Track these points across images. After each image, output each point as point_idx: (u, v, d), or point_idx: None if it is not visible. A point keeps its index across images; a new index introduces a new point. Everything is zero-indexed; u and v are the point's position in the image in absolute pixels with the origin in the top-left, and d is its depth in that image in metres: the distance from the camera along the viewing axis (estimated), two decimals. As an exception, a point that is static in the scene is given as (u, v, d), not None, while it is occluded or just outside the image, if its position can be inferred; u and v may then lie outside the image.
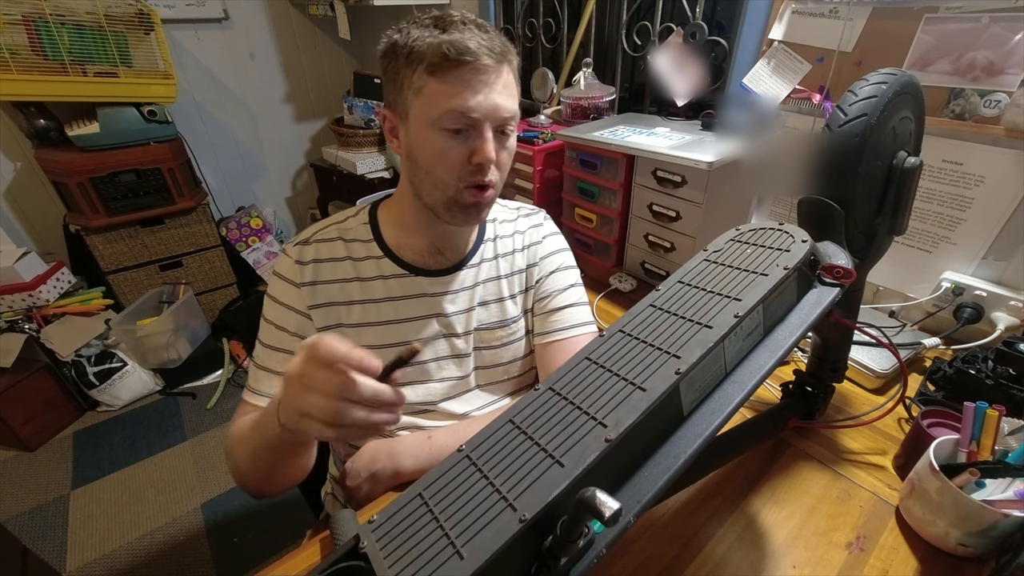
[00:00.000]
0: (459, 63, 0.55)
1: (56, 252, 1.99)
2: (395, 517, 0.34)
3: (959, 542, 0.51)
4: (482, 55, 0.55)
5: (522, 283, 0.75)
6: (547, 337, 0.74)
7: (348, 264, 0.68)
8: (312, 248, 0.68)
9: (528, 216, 0.79)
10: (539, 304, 0.75)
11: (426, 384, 0.72)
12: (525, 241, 0.76)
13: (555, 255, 0.77)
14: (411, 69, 0.57)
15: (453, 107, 0.56)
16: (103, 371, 1.81)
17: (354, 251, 0.69)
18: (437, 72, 0.55)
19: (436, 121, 0.57)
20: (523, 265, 0.75)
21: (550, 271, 0.75)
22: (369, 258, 0.69)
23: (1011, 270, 0.82)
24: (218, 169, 2.30)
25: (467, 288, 0.72)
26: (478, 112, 0.57)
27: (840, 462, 0.66)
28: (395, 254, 0.69)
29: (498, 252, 0.74)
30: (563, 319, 0.74)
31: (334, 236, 0.69)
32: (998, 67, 0.75)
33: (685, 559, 0.54)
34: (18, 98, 1.65)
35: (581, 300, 0.76)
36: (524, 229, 0.77)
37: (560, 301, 0.74)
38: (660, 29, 1.28)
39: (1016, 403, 0.64)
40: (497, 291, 0.74)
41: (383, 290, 0.69)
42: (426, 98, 0.57)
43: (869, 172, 0.52)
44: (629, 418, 0.32)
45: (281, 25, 2.24)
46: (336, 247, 0.69)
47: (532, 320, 0.76)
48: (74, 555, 1.39)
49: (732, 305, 0.39)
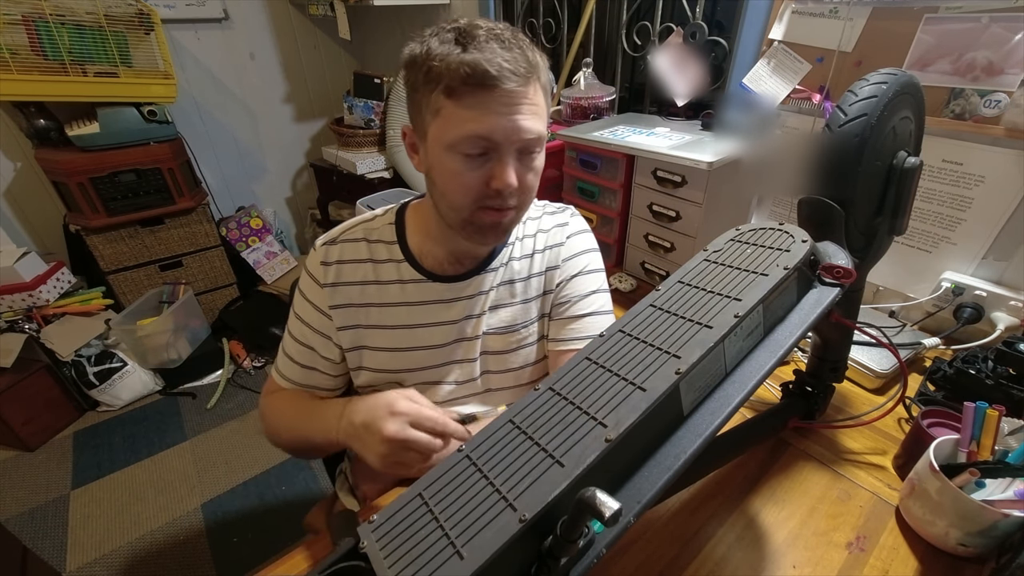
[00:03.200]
0: (480, 87, 0.52)
1: (56, 252, 1.99)
2: (395, 517, 0.34)
3: (959, 542, 0.51)
4: (505, 79, 0.51)
5: (540, 287, 0.72)
6: (562, 345, 0.71)
7: (369, 266, 0.68)
8: (338, 248, 0.68)
9: (553, 215, 0.75)
10: (557, 309, 0.72)
11: (434, 387, 0.71)
12: (548, 242, 0.72)
13: (578, 257, 0.72)
14: (429, 88, 0.54)
15: (471, 132, 0.53)
16: (103, 371, 1.81)
17: (376, 253, 0.68)
18: (455, 95, 0.53)
19: (454, 145, 0.54)
20: (542, 268, 0.72)
21: (572, 275, 0.72)
22: (390, 261, 0.68)
23: (1011, 270, 0.82)
24: (218, 169, 2.30)
25: (482, 293, 0.70)
26: (498, 136, 0.54)
27: (840, 462, 0.66)
28: (416, 260, 0.68)
29: (516, 255, 0.71)
30: (581, 328, 0.70)
31: (359, 236, 0.69)
32: (998, 67, 0.75)
33: (685, 559, 0.54)
34: (18, 98, 1.65)
35: (603, 308, 0.72)
36: (548, 228, 0.73)
37: (580, 309, 0.71)
38: (660, 29, 1.28)
39: (1016, 403, 0.64)
40: (510, 295, 0.71)
41: (399, 294, 0.68)
42: (444, 121, 0.54)
43: (869, 172, 0.52)
44: (629, 418, 0.32)
45: (281, 25, 2.24)
46: (360, 248, 0.68)
47: (548, 325, 0.73)
48: (74, 555, 1.39)
49: (732, 305, 0.39)
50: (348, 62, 2.50)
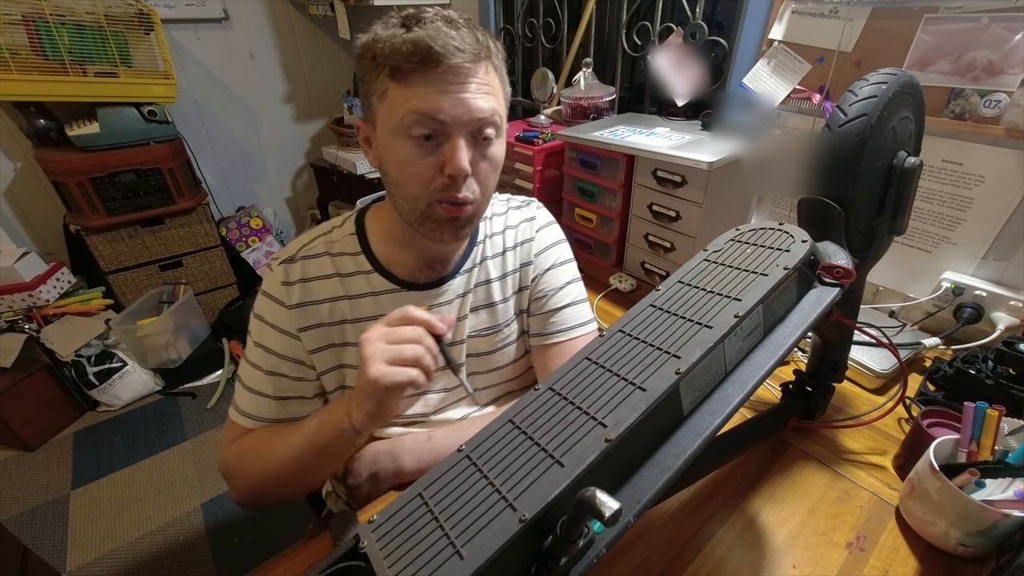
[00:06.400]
0: (423, 64, 0.50)
1: (56, 252, 1.99)
2: (395, 517, 0.34)
3: (959, 542, 0.51)
4: (451, 54, 0.50)
5: (515, 283, 0.72)
6: (546, 339, 0.71)
7: (336, 281, 0.65)
8: (298, 266, 0.64)
9: (519, 208, 0.74)
10: (535, 304, 0.72)
11: (423, 397, 0.71)
12: (518, 238, 0.72)
13: (550, 250, 0.72)
14: (375, 74, 0.53)
15: (416, 108, 0.51)
16: (103, 371, 1.81)
17: (342, 266, 0.65)
18: (399, 75, 0.51)
19: (400, 127, 0.52)
20: (516, 265, 0.71)
21: (546, 268, 0.72)
22: (358, 273, 0.65)
23: (1011, 270, 0.82)
24: (218, 169, 2.30)
25: (458, 296, 0.69)
26: (445, 114, 0.51)
27: (840, 462, 0.66)
28: (386, 269, 0.66)
29: (488, 254, 0.71)
30: (561, 320, 0.71)
31: (320, 251, 0.65)
32: (998, 67, 0.75)
33: (685, 559, 0.54)
34: (18, 98, 1.65)
35: (579, 298, 0.73)
36: (516, 224, 0.72)
37: (557, 301, 0.71)
38: (660, 29, 1.28)
39: (1016, 403, 0.64)
40: (488, 296, 0.70)
41: (373, 307, 0.65)
42: (390, 103, 0.53)
43: (869, 172, 0.52)
44: (629, 418, 0.32)
45: (281, 25, 2.24)
46: (323, 263, 0.65)
47: (528, 321, 0.73)
48: (74, 555, 1.39)
49: (732, 305, 0.39)
50: (348, 62, 2.50)
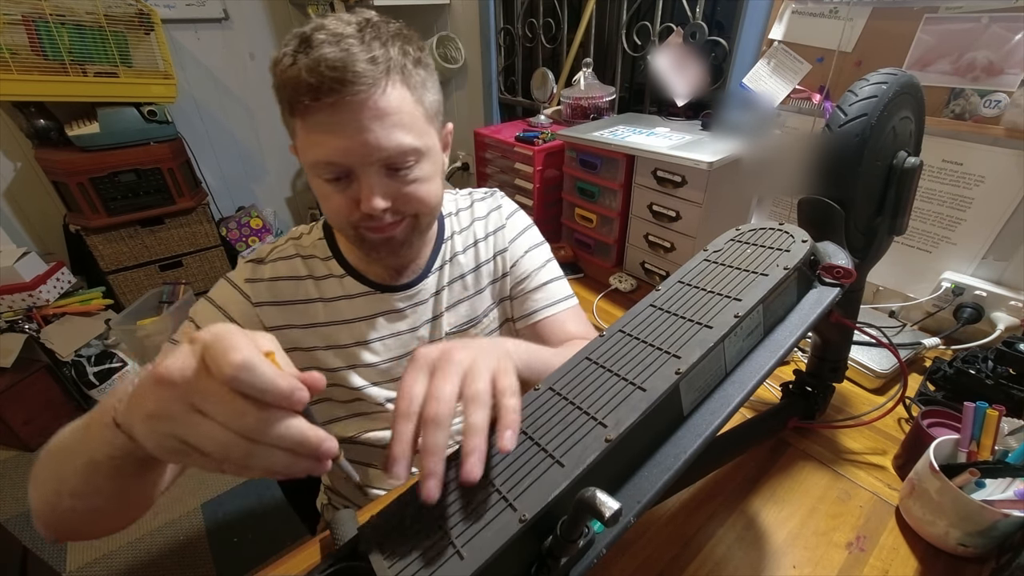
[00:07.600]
0: (315, 99, 0.46)
1: (56, 252, 1.99)
2: (395, 517, 0.34)
3: (959, 542, 0.51)
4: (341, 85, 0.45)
5: (492, 272, 0.72)
6: (533, 317, 0.71)
7: (310, 283, 0.63)
8: (269, 267, 0.63)
9: (484, 200, 0.74)
10: (517, 287, 0.73)
11: None
12: (488, 228, 0.72)
13: (524, 235, 0.74)
14: (282, 106, 0.50)
15: (317, 159, 0.49)
16: (103, 371, 1.81)
17: (314, 269, 0.64)
18: (297, 112, 0.48)
19: (311, 168, 0.51)
20: (490, 255, 0.71)
21: (523, 251, 0.73)
22: (331, 276, 0.64)
23: (1011, 270, 0.82)
24: (218, 169, 2.30)
25: (432, 295, 0.68)
26: (348, 159, 0.48)
27: (840, 462, 0.66)
28: (358, 272, 0.65)
29: (458, 248, 0.70)
30: (546, 296, 0.72)
31: (291, 253, 0.64)
32: (998, 67, 0.75)
33: (685, 559, 0.54)
34: (18, 98, 1.65)
35: (558, 274, 0.74)
36: (484, 215, 0.73)
37: (541, 278, 0.72)
38: (660, 29, 1.28)
39: (1016, 403, 0.64)
40: (463, 289, 0.70)
41: (349, 310, 0.65)
42: (299, 142, 0.51)
43: (869, 172, 0.52)
44: (629, 418, 0.32)
45: (281, 25, 2.24)
46: (295, 265, 0.64)
47: (511, 305, 0.74)
48: (74, 555, 1.39)
49: (732, 305, 0.39)
50: (348, 62, 2.50)
